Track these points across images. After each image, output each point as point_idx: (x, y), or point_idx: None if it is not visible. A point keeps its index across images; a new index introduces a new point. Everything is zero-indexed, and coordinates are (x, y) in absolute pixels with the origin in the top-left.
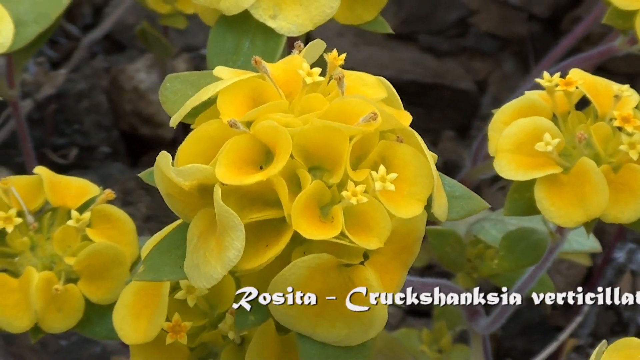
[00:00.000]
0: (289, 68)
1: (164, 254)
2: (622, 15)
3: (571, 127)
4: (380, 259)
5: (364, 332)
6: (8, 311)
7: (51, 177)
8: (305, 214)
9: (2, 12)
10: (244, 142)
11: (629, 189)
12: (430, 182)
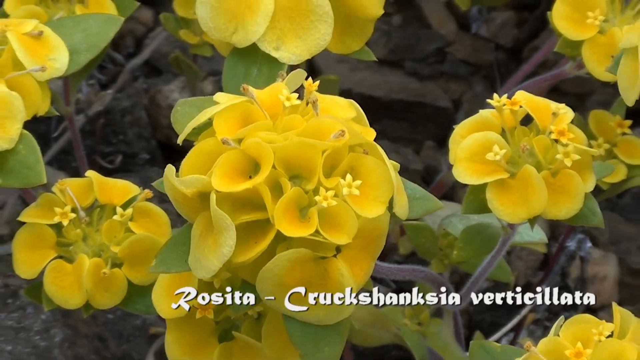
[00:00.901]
0: (272, 93)
1: (172, 250)
2: (570, 45)
3: (517, 139)
4: (350, 252)
5: (338, 313)
6: (64, 291)
7: (100, 179)
8: (286, 215)
9: (60, 42)
10: (235, 156)
11: (565, 191)
12: (391, 187)
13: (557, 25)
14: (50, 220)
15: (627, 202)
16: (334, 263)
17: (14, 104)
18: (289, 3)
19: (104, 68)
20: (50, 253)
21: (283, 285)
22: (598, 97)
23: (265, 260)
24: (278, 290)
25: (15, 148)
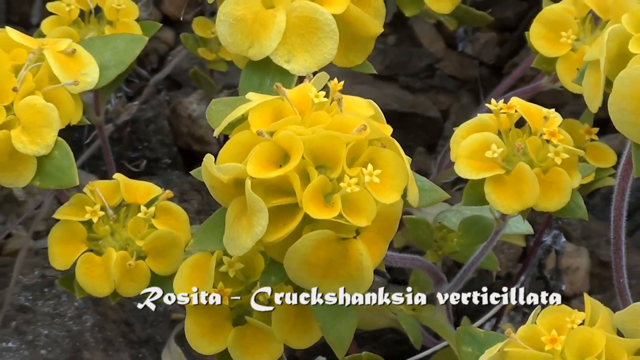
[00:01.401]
0: (301, 92)
1: (208, 231)
2: (546, 61)
3: (512, 140)
4: (368, 234)
5: (356, 289)
6: (94, 281)
7: (126, 181)
8: (313, 200)
9: (91, 59)
10: (268, 147)
11: (555, 186)
12: (405, 177)
13: (534, 44)
14: (81, 217)
15: (597, 202)
16: (354, 243)
17: (50, 114)
18: (299, 21)
19: (130, 82)
20: (82, 247)
21: (308, 263)
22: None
23: (292, 241)
24: (304, 267)
25: (51, 154)
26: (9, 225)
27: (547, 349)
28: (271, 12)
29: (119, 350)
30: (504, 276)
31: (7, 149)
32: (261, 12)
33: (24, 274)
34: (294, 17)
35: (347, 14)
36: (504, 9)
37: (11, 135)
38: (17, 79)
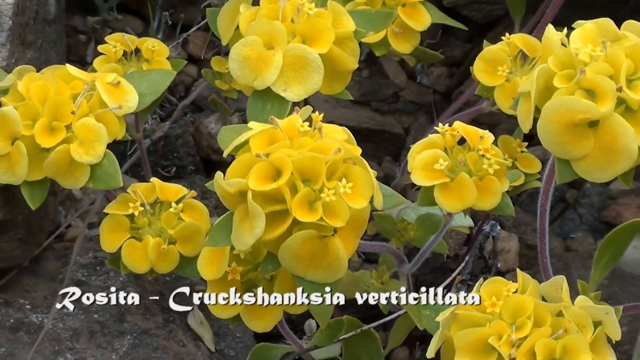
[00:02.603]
0: (290, 122)
1: (219, 231)
2: (486, 89)
3: (455, 155)
4: (343, 232)
5: (335, 275)
6: (135, 261)
7: (160, 184)
8: (300, 207)
9: (131, 88)
10: (264, 166)
11: (489, 191)
12: (372, 188)
13: (477, 76)
14: (125, 212)
15: (524, 199)
16: (333, 240)
17: (100, 131)
18: (293, 59)
19: (163, 106)
20: (126, 235)
21: (297, 255)
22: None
23: (284, 238)
24: (293, 259)
25: (101, 162)
26: (69, 217)
27: (489, 311)
28: (271, 52)
29: (154, 314)
30: (453, 256)
31: (67, 159)
32: (263, 52)
33: (80, 256)
34: (289, 56)
35: (330, 53)
36: (452, 49)
37: (70, 148)
38: (74, 105)
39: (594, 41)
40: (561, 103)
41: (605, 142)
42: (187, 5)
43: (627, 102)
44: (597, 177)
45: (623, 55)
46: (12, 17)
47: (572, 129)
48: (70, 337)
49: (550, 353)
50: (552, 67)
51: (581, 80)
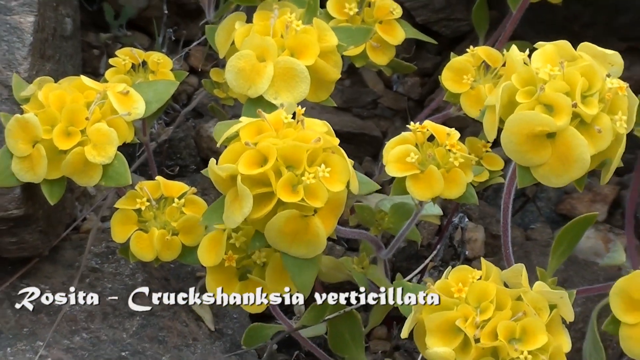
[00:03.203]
0: (276, 115)
1: (213, 212)
2: (453, 96)
3: (425, 150)
4: (323, 212)
5: (315, 250)
6: (142, 250)
7: (164, 182)
8: (284, 189)
9: (139, 97)
10: (253, 153)
11: (455, 181)
12: (348, 174)
13: (445, 84)
14: (134, 206)
15: (489, 194)
16: (313, 219)
17: (111, 135)
18: (282, 70)
19: (167, 113)
20: (134, 227)
21: (281, 232)
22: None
23: (270, 217)
24: (278, 236)
25: (112, 163)
26: (84, 212)
27: (456, 296)
28: (263, 64)
29: None
30: (426, 245)
31: (82, 160)
32: (256, 65)
33: (94, 246)
34: (279, 67)
35: (315, 65)
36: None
37: (85, 150)
38: (88, 112)
39: (552, 61)
40: (523, 116)
41: (562, 151)
42: (189, 23)
43: (581, 116)
44: (554, 183)
45: (578, 75)
46: (32, 33)
47: (532, 139)
48: (86, 318)
49: (510, 333)
50: (515, 84)
51: (541, 96)
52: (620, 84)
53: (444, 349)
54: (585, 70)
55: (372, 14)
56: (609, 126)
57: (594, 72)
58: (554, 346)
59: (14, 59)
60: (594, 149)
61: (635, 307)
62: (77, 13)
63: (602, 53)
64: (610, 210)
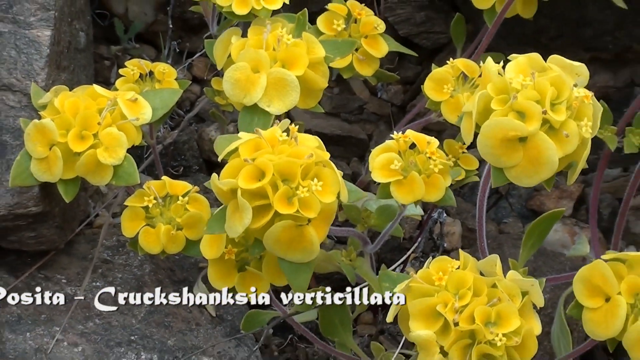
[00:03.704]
0: (272, 133)
1: (215, 221)
2: (434, 104)
3: (407, 157)
4: (316, 222)
5: (309, 256)
6: (150, 244)
7: (170, 181)
8: (280, 201)
9: (146, 104)
10: (251, 168)
11: (434, 186)
12: (338, 186)
13: (427, 92)
14: (142, 204)
15: (466, 191)
16: (307, 228)
17: (121, 139)
18: (275, 80)
19: (172, 118)
20: (142, 222)
21: (278, 240)
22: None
23: (268, 227)
24: (275, 244)
25: (122, 164)
26: (97, 208)
27: (436, 284)
28: (257, 75)
29: (166, 286)
30: (408, 238)
31: (94, 161)
32: (251, 75)
33: (106, 239)
34: (272, 78)
35: (304, 75)
36: (406, 71)
37: (97, 152)
38: (100, 117)
39: (524, 72)
40: (497, 122)
41: (532, 154)
42: (192, 36)
43: (550, 122)
44: (525, 183)
45: (548, 84)
46: (49, 46)
47: (505, 143)
48: None
49: (486, 318)
50: (490, 93)
51: (514, 104)
52: (586, 93)
53: (426, 332)
54: (555, 80)
55: (358, 30)
56: (576, 131)
57: (563, 82)
58: (526, 329)
59: (32, 70)
60: (562, 152)
61: (596, 293)
62: (90, 28)
63: (570, 64)
64: (576, 206)
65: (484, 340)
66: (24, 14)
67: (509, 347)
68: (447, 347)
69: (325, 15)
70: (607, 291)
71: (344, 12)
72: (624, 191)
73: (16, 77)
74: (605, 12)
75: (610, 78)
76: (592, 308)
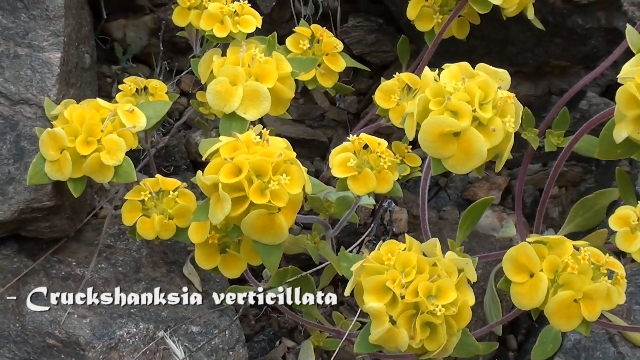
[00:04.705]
0: (247, 136)
1: (201, 211)
2: (383, 111)
3: (361, 156)
4: (284, 210)
5: (279, 239)
6: (146, 231)
7: (162, 179)
8: (254, 193)
9: (141, 114)
10: (230, 166)
11: (384, 180)
12: (303, 180)
13: (377, 101)
14: (139, 198)
15: (411, 184)
16: (277, 216)
17: (121, 143)
18: (250, 92)
19: (164, 125)
20: (139, 213)
21: (253, 226)
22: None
23: (244, 215)
24: (251, 229)
25: (122, 164)
26: (101, 202)
27: (386, 263)
28: (235, 87)
29: (160, 267)
30: (362, 224)
31: (98, 163)
32: (230, 88)
33: (109, 228)
34: (247, 90)
35: (275, 87)
36: (360, 83)
37: (100, 155)
38: (103, 125)
39: (456, 78)
40: (434, 120)
41: (465, 146)
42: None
43: (479, 119)
44: (459, 170)
45: (476, 87)
46: (59, 67)
47: (442, 137)
48: (103, 284)
49: (428, 291)
50: (428, 96)
51: (448, 105)
52: (508, 94)
53: (378, 304)
54: (482, 84)
55: (320, 49)
56: (501, 126)
57: (489, 85)
58: (462, 301)
59: (46, 86)
60: (490, 144)
61: (522, 270)
62: (94, 50)
63: (494, 71)
64: (503, 196)
65: (426, 311)
66: (38, 39)
67: (448, 316)
68: (395, 317)
69: (293, 36)
70: (531, 268)
71: (308, 34)
72: (544, 183)
73: (32, 92)
74: (526, 33)
75: (531, 88)
76: (518, 283)
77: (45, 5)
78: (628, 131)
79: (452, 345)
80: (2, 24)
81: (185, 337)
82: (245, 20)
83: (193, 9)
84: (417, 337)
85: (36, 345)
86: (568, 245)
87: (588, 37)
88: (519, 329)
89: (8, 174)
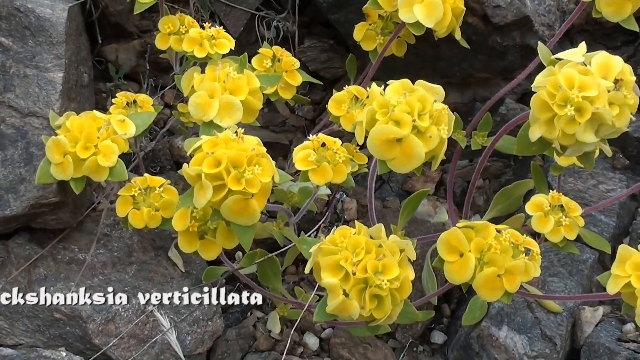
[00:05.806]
0: (225, 135)
1: (186, 197)
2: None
3: (320, 152)
4: (257, 196)
5: (252, 220)
6: (136, 221)
7: (150, 177)
8: (232, 181)
9: (131, 123)
10: (211, 159)
11: (339, 172)
12: (272, 170)
13: (330, 110)
14: (130, 193)
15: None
16: (251, 201)
17: (114, 148)
18: (225, 104)
19: (151, 132)
20: (130, 206)
21: (231, 210)
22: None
23: (223, 200)
24: (228, 212)
25: (115, 165)
26: (99, 197)
27: (339, 245)
28: (212, 100)
29: (149, 251)
30: (319, 213)
31: (95, 164)
32: (208, 100)
33: (106, 219)
34: (223, 102)
35: (246, 99)
36: (315, 95)
37: (97, 158)
38: (99, 133)
39: (399, 92)
40: (380, 128)
41: (406, 150)
42: (163, 74)
43: (418, 127)
44: (401, 170)
45: (416, 101)
46: (62, 84)
47: (386, 143)
48: (101, 267)
49: (375, 269)
50: (375, 107)
51: (392, 115)
52: (442, 107)
53: (333, 279)
54: (420, 98)
55: (281, 67)
56: (436, 133)
57: (426, 99)
58: (404, 276)
59: (50, 101)
60: (427, 148)
61: (453, 250)
62: (91, 70)
63: (431, 87)
64: (437, 187)
65: (374, 285)
66: (43, 61)
67: (392, 289)
68: (348, 290)
69: (258, 56)
70: (461, 249)
71: (270, 55)
72: (470, 176)
73: (39, 106)
74: (454, 50)
75: (458, 96)
76: (450, 261)
77: (49, 33)
78: (541, 131)
79: (396, 314)
80: (14, 49)
81: (171, 310)
82: (221, 43)
83: (172, 35)
84: (366, 307)
85: (45, 319)
86: (491, 229)
87: (506, 53)
88: (452, 299)
89: (20, 175)
